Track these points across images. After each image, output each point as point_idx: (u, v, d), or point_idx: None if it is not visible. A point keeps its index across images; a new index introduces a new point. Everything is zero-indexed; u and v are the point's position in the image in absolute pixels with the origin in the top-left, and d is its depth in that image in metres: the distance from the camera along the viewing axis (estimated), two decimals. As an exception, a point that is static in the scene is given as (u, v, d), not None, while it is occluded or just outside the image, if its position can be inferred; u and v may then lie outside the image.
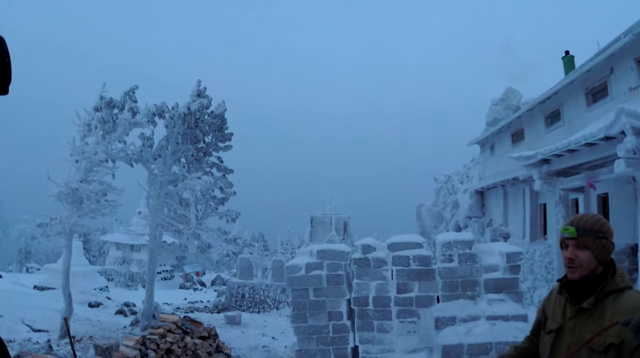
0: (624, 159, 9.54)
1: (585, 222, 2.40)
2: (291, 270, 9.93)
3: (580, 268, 2.37)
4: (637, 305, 2.20)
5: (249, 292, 23.03)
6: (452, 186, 34.47)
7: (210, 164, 14.08)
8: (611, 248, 2.40)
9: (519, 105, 25.15)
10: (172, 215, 13.14)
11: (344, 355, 9.69)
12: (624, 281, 2.35)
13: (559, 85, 18.20)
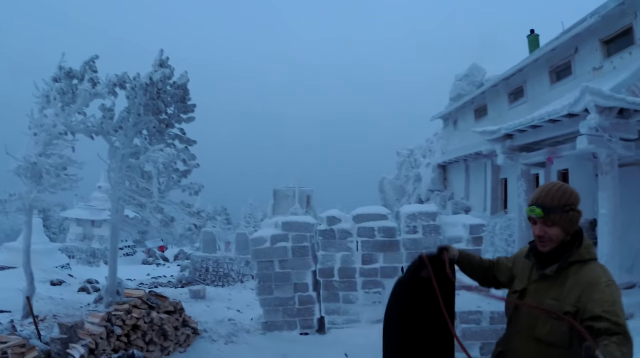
0: (586, 135, 9.69)
1: (552, 198, 2.43)
2: (256, 242, 9.91)
3: (550, 242, 2.43)
4: (597, 279, 2.28)
5: (213, 266, 22.91)
6: (415, 160, 34.75)
7: (173, 136, 13.81)
8: (578, 217, 2.46)
9: (483, 81, 25.38)
10: (134, 189, 12.87)
11: (310, 326, 9.77)
12: (589, 253, 2.42)
13: (523, 63, 18.47)
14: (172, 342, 7.89)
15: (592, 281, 2.28)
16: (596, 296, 2.21)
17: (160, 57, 12.71)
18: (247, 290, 18.52)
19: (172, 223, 13.36)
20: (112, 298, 12.22)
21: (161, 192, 12.74)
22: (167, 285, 21.56)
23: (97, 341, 6.85)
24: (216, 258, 23.26)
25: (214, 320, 10.03)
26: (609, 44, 13.97)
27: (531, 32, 22.91)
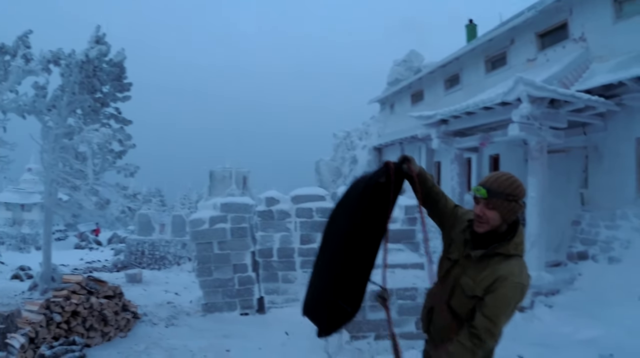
0: (518, 123, 10.10)
1: (499, 184, 2.55)
2: (195, 223, 9.90)
3: (486, 224, 2.57)
4: (509, 276, 2.46)
5: (149, 249, 22.55)
6: (351, 142, 35.01)
7: (108, 116, 13.50)
8: (519, 210, 2.58)
9: (421, 67, 25.79)
10: (67, 171, 12.52)
11: (250, 307, 9.87)
12: (516, 249, 2.57)
13: (460, 51, 18.91)
14: (112, 327, 7.79)
15: (504, 276, 2.45)
16: (496, 291, 2.45)
17: (96, 34, 12.36)
18: (184, 273, 18.38)
19: (107, 205, 13.12)
20: (48, 285, 11.92)
21: (96, 173, 12.46)
22: (102, 270, 21.10)
23: (37, 329, 6.72)
24: (152, 241, 22.90)
25: (153, 304, 9.97)
26: (543, 38, 14.51)
27: (470, 21, 23.38)
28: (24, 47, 11.75)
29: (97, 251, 35.38)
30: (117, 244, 36.22)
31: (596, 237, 11.25)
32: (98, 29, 12.38)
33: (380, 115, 30.58)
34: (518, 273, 2.48)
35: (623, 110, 10.94)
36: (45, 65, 11.85)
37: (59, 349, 6.46)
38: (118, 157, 13.33)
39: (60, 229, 41.66)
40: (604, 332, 7.38)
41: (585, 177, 12.27)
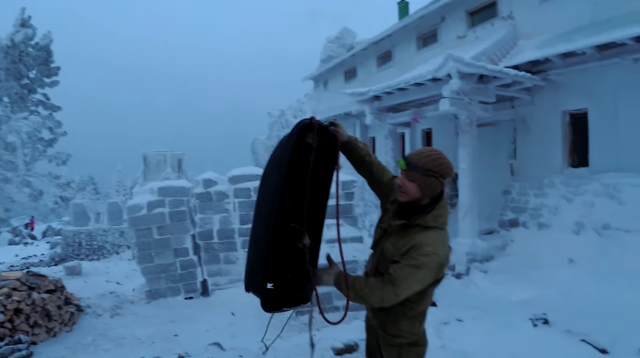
0: (448, 98, 10.41)
1: (420, 159, 2.60)
2: (132, 210, 9.78)
3: (406, 194, 2.65)
4: (423, 245, 2.53)
5: (86, 239, 21.99)
6: (286, 120, 35.07)
7: (36, 102, 13.08)
8: (438, 186, 2.62)
9: (353, 44, 26.00)
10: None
11: (194, 290, 9.87)
12: (435, 221, 2.61)
13: (392, 29, 19.14)
14: (57, 322, 7.63)
15: (419, 244, 2.53)
16: (409, 255, 2.53)
17: (21, 17, 11.88)
18: (124, 262, 18.04)
19: (41, 197, 12.76)
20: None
21: (27, 164, 12.08)
22: (39, 265, 20.43)
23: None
24: (89, 231, 22.34)
25: (95, 295, 9.81)
26: (473, 15, 14.93)
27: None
28: (-54, 34, 11.22)
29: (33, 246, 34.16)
30: (52, 237, 35.07)
31: (526, 205, 11.79)
32: (23, 11, 11.90)
33: (314, 93, 30.67)
34: (432, 243, 2.54)
35: (549, 85, 11.48)
36: (-32, 51, 11.34)
37: (5, 349, 6.33)
38: (49, 146, 12.94)
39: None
40: (536, 293, 7.79)
41: (514, 148, 12.80)
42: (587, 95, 10.83)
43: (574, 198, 10.62)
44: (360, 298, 2.61)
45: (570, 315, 6.48)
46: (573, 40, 10.38)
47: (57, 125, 12.95)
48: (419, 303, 2.71)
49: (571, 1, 11.32)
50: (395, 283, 2.50)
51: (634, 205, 9.34)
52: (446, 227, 2.70)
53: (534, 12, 12.27)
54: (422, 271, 2.50)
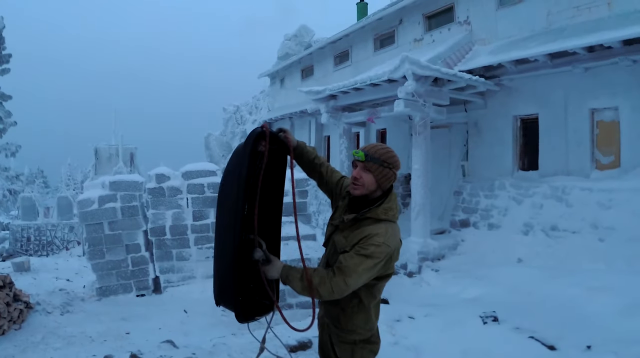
0: (403, 99, 10.57)
1: (376, 151, 2.74)
2: (83, 204, 9.57)
3: (362, 187, 2.73)
4: (374, 236, 2.60)
5: (35, 234, 21.32)
6: (241, 117, 34.89)
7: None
8: (392, 178, 2.76)
9: (311, 42, 26.07)
10: (-59, 151, 11.68)
11: (146, 287, 9.73)
12: (385, 214, 2.71)
13: (350, 29, 19.28)
14: (5, 320, 7.40)
15: (370, 235, 2.61)
16: (360, 244, 2.60)
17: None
18: (74, 258, 17.60)
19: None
20: None
21: (-26, 154, 11.69)
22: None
23: None
24: (37, 226, 21.67)
25: (45, 292, 9.54)
26: (430, 19, 15.15)
27: (360, 0, 23.85)
28: None
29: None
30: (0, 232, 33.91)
31: (477, 205, 12.07)
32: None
33: (270, 90, 30.61)
34: (383, 234, 2.62)
35: (502, 89, 11.80)
36: None
37: (-52, 345, 6.12)
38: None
39: None
40: (486, 291, 7.98)
41: (466, 150, 13.09)
42: (538, 101, 11.18)
43: (523, 200, 10.92)
44: (310, 290, 2.61)
45: (519, 312, 6.67)
46: (526, 47, 10.69)
47: (7, 114, 12.62)
48: (370, 298, 2.77)
49: (526, 10, 11.63)
50: (344, 272, 2.55)
51: (581, 207, 9.68)
52: (396, 221, 2.79)
53: (490, 18, 12.56)
54: (371, 260, 2.56)
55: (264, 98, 32.26)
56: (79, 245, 20.20)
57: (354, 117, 13.87)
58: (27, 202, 22.77)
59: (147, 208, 9.91)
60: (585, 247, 9.17)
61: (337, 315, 2.83)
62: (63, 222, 22.02)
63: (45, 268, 14.30)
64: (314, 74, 23.64)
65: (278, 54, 27.89)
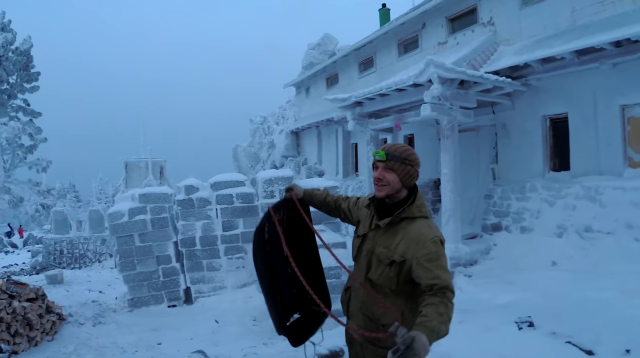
0: (429, 104, 10.47)
1: (395, 149, 2.73)
2: (114, 217, 9.68)
3: (387, 186, 2.69)
4: (424, 236, 2.55)
5: (67, 248, 21.69)
6: (268, 127, 35.00)
7: (16, 108, 12.90)
8: (415, 175, 2.75)
9: (335, 50, 26.05)
10: (-25, 168, 11.92)
11: (177, 298, 9.78)
12: (420, 211, 2.68)
13: (373, 35, 19.25)
14: (38, 331, 7.50)
15: (419, 238, 2.55)
16: (422, 252, 2.50)
17: (1, 20, 11.74)
18: (106, 270, 17.83)
19: (20, 203, 12.59)
20: (-36, 291, 11.31)
21: (6, 170, 11.91)
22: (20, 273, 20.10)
23: (-41, 339, 6.42)
24: (70, 239, 22.03)
25: (77, 304, 9.65)
26: (454, 22, 15.03)
27: (383, 6, 23.81)
28: None
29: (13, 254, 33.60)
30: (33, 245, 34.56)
31: (508, 209, 11.88)
32: (3, 15, 11.77)
33: (296, 99, 30.71)
34: (429, 230, 2.59)
35: (529, 90, 11.61)
36: (-55, 56, 11.18)
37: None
38: (29, 152, 12.78)
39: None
40: (520, 295, 7.81)
41: (495, 153, 12.91)
42: (566, 99, 10.97)
43: (555, 201, 10.72)
44: (447, 322, 2.41)
45: (554, 317, 6.51)
46: (552, 45, 10.52)
47: (37, 131, 12.81)
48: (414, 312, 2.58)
49: (549, 7, 11.45)
50: (447, 284, 2.46)
51: (615, 207, 9.45)
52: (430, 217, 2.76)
53: (514, 18, 12.40)
54: (443, 257, 2.53)
55: (290, 108, 32.34)
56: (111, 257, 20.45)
57: (380, 123, 13.81)
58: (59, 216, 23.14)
59: (177, 220, 9.98)
60: (620, 248, 8.95)
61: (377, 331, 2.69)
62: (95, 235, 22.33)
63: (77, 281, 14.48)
64: (339, 82, 23.64)
65: (302, 63, 27.95)
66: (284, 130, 30.16)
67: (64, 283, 13.82)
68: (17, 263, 26.13)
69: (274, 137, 31.98)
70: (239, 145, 36.10)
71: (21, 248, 37.32)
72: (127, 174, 27.13)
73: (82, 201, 56.38)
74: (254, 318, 8.33)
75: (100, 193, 55.35)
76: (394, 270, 2.61)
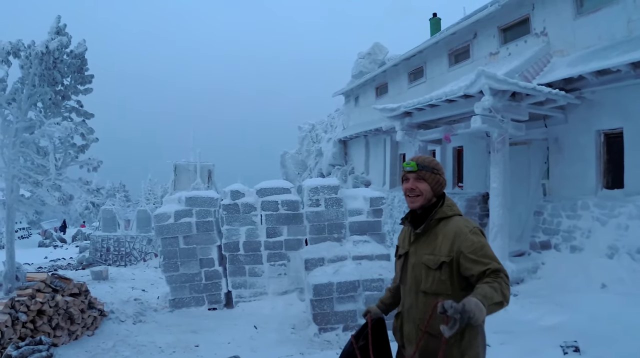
0: (480, 115, 10.25)
1: (424, 160, 2.82)
2: (160, 218, 9.81)
3: (420, 197, 2.75)
4: (462, 229, 2.61)
5: (114, 245, 22.21)
6: (316, 135, 35.06)
7: (69, 109, 13.18)
8: (444, 183, 2.82)
9: (385, 60, 25.93)
10: (29, 166, 12.16)
11: (218, 301, 9.84)
12: (452, 210, 2.76)
13: (424, 45, 19.02)
14: (79, 326, 7.65)
15: (459, 232, 2.60)
16: (466, 244, 2.54)
17: (57, 24, 12.05)
18: (150, 269, 18.14)
19: (70, 201, 12.85)
20: (12, 284, 11.61)
21: (58, 168, 12.16)
22: (67, 268, 20.68)
23: (2, 330, 6.56)
24: (117, 238, 22.54)
25: (119, 301, 9.82)
26: (506, 32, 14.72)
27: (433, 15, 23.61)
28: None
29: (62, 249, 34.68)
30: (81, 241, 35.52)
31: (558, 226, 11.51)
32: (58, 19, 12.06)
33: (344, 108, 30.68)
34: (467, 223, 2.66)
35: (583, 103, 11.23)
36: (4, 57, 11.46)
37: (25, 349, 6.33)
38: (80, 151, 13.01)
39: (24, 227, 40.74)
40: (567, 318, 7.54)
41: (546, 168, 12.54)
42: (622, 114, 10.54)
43: (608, 220, 10.32)
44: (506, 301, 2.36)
45: (601, 342, 6.25)
46: (607, 57, 10.12)
47: (89, 131, 13.03)
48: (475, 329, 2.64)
49: (604, 18, 11.05)
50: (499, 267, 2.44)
51: (670, 229, 9.05)
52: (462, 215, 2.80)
53: (568, 28, 12.04)
54: (487, 246, 2.56)
55: (338, 116, 32.33)
56: (156, 257, 20.78)
57: (429, 134, 13.63)
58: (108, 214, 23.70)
59: (221, 224, 10.04)
60: (675, 272, 8.56)
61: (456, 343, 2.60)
62: (142, 235, 22.77)
63: (122, 278, 14.76)
64: (388, 92, 23.50)
65: (352, 72, 27.92)
66: (332, 139, 30.17)
67: (109, 280, 14.10)
68: (65, 257, 26.91)
69: (322, 145, 32.03)
70: (287, 152, 36.29)
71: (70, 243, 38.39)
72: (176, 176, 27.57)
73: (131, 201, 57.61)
74: (293, 326, 8.29)
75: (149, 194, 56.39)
76: (445, 272, 2.60)
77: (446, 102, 11.73)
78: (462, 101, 11.25)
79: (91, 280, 13.82)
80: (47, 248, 35.22)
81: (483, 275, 2.44)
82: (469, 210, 14.62)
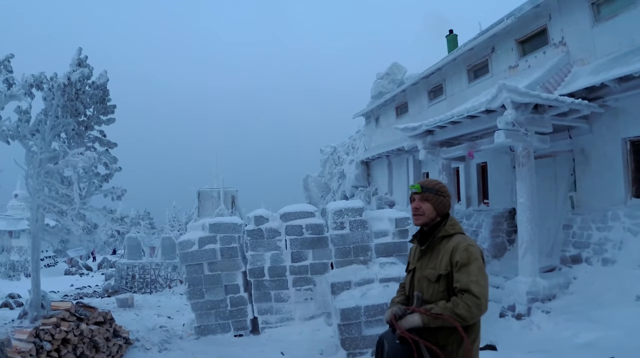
0: (503, 130, 10.07)
1: (429, 183, 3.17)
2: (184, 245, 9.80)
3: (422, 216, 3.11)
4: (458, 245, 2.90)
5: (139, 273, 22.31)
6: (338, 157, 35.03)
7: (93, 139, 13.34)
8: (448, 204, 3.15)
9: (403, 79, 25.91)
10: (53, 196, 12.32)
11: (244, 328, 9.74)
12: (454, 228, 3.06)
13: (442, 62, 18.92)
14: (104, 354, 7.62)
15: (455, 247, 2.90)
16: (455, 259, 2.85)
17: (78, 56, 12.25)
18: (176, 296, 18.13)
19: (95, 230, 12.93)
20: (38, 312, 11.68)
21: (82, 198, 12.27)
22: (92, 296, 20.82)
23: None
24: (142, 265, 22.63)
25: (145, 329, 9.78)
26: (524, 44, 14.56)
27: (450, 32, 23.54)
28: (5, 72, 11.54)
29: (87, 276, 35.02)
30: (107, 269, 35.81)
31: (588, 239, 11.22)
32: (80, 51, 12.27)
33: (365, 129, 30.65)
34: (464, 241, 2.95)
35: (607, 111, 10.99)
36: (27, 89, 11.67)
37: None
38: (104, 181, 13.15)
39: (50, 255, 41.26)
40: (603, 334, 7.30)
41: (573, 180, 12.28)
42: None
43: (639, 231, 10.04)
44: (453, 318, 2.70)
45: None
46: (629, 63, 9.87)
47: (113, 160, 13.18)
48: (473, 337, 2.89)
49: (623, 23, 10.82)
50: (467, 287, 2.74)
51: None
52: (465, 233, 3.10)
53: (586, 36, 11.85)
54: (477, 261, 2.84)
55: (360, 137, 32.29)
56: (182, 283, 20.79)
57: (452, 152, 13.47)
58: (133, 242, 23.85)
59: (246, 250, 9.99)
60: None
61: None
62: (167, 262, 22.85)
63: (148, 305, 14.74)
64: (409, 111, 23.42)
65: (371, 93, 27.93)
66: (354, 160, 30.11)
67: (135, 307, 14.08)
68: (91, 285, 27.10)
69: (344, 167, 31.98)
70: (309, 175, 36.33)
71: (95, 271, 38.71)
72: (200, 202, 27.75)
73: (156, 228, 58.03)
74: (321, 351, 8.15)
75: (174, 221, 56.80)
76: (443, 284, 2.92)
77: (468, 119, 11.58)
78: (484, 116, 11.09)
79: (117, 307, 13.82)
80: (73, 275, 35.59)
81: (460, 291, 2.78)
82: (496, 226, 14.37)
